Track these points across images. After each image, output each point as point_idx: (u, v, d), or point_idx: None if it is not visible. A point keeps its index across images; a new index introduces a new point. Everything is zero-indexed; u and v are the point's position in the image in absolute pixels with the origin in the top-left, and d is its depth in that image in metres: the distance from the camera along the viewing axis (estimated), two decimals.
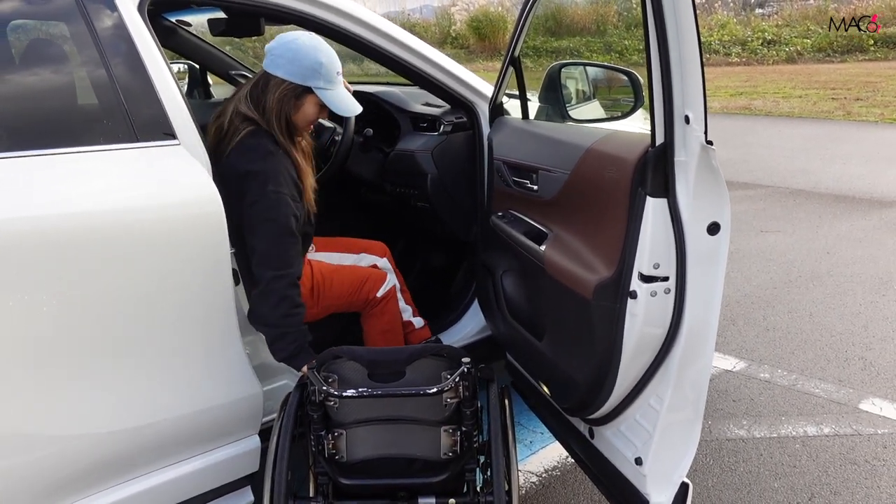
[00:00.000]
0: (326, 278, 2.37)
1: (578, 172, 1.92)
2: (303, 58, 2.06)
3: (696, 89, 1.53)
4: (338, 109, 2.14)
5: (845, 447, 2.67)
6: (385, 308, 2.47)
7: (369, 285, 2.44)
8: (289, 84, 2.07)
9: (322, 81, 2.09)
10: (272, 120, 2.07)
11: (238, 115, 2.09)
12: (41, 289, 1.59)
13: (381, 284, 2.46)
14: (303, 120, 2.15)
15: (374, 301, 2.45)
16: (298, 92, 2.09)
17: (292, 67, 2.06)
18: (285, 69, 2.07)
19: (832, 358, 3.36)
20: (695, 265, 1.63)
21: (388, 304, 2.48)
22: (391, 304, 2.49)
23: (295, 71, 2.06)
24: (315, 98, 2.11)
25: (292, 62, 2.06)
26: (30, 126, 1.70)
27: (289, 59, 2.06)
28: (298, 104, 2.11)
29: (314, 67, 2.07)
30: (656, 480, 1.80)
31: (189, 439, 1.91)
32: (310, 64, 2.06)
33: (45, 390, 1.64)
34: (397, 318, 2.53)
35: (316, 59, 2.07)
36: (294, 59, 2.06)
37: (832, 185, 6.57)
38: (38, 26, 2.08)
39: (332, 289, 2.38)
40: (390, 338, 2.48)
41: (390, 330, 2.49)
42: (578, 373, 1.91)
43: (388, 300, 2.48)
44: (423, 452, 1.79)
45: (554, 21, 17.35)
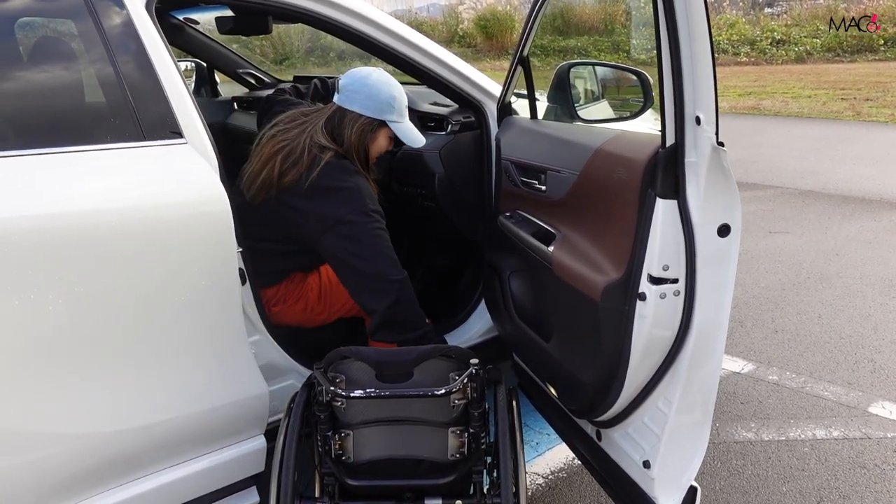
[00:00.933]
0: (334, 285, 2.38)
1: (587, 173, 1.91)
2: (378, 93, 2.21)
3: (707, 90, 1.51)
4: (409, 141, 2.31)
5: (855, 451, 2.65)
6: None
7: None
8: (366, 119, 2.22)
9: (395, 115, 2.26)
10: (351, 151, 2.21)
11: (315, 145, 2.18)
12: (47, 287, 1.58)
13: None
14: (376, 151, 2.31)
15: None
16: (374, 126, 2.24)
17: (369, 102, 2.21)
18: (362, 104, 2.21)
19: (841, 360, 3.34)
20: (705, 267, 1.61)
21: None
22: None
23: (372, 106, 2.21)
24: (388, 131, 2.28)
25: (369, 97, 2.21)
26: (37, 124, 1.70)
27: (365, 94, 2.21)
28: (374, 136, 2.26)
29: (389, 102, 2.23)
30: (664, 484, 1.79)
31: (195, 439, 1.91)
32: (385, 99, 2.22)
33: (53, 389, 1.64)
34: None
35: (390, 94, 2.23)
36: (371, 95, 2.21)
37: (842, 185, 6.53)
38: (46, 24, 2.08)
39: (340, 295, 2.39)
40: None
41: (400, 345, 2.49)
42: (586, 374, 1.90)
43: None
44: (430, 454, 1.78)
45: (562, 20, 17.31)
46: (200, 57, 3.94)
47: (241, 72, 4.02)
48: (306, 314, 2.39)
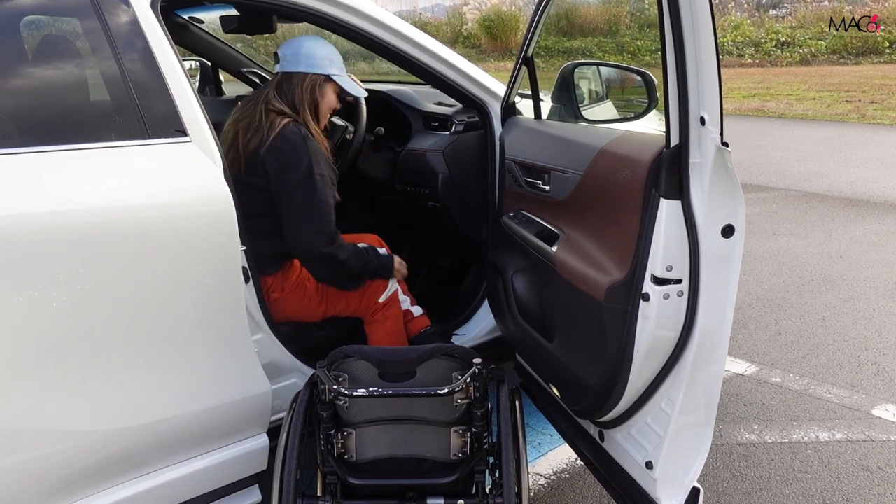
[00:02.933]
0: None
1: (591, 173, 1.91)
2: (316, 51, 2.35)
3: (712, 90, 1.51)
4: (354, 91, 2.43)
5: (858, 453, 2.64)
6: (388, 313, 2.50)
7: (372, 290, 2.47)
8: (312, 75, 2.34)
9: (336, 69, 2.38)
10: (304, 111, 2.32)
11: (269, 112, 2.29)
12: (51, 285, 1.59)
13: (382, 290, 2.49)
14: (326, 107, 2.41)
15: (376, 307, 2.48)
16: (321, 81, 2.36)
17: (311, 60, 2.34)
18: (305, 63, 2.33)
19: (845, 363, 3.33)
20: (708, 268, 1.61)
21: (391, 310, 2.51)
22: (394, 309, 2.52)
23: (314, 63, 2.34)
24: (334, 85, 2.39)
25: (309, 56, 2.34)
26: (42, 122, 1.71)
27: (305, 54, 2.34)
28: (322, 91, 2.37)
29: (329, 57, 2.36)
30: (667, 485, 1.79)
31: (198, 437, 1.91)
32: (324, 55, 2.36)
33: (56, 387, 1.64)
34: (400, 321, 2.55)
35: (327, 51, 2.37)
36: (310, 54, 2.34)
37: (846, 188, 6.52)
38: (51, 22, 2.09)
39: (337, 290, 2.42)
40: (394, 340, 2.51)
41: (394, 333, 2.52)
42: (589, 375, 1.90)
43: (389, 305, 2.50)
44: (432, 453, 1.78)
45: (566, 21, 17.30)
46: (205, 56, 3.94)
47: (245, 71, 4.02)
48: (304, 303, 2.39)
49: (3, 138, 1.62)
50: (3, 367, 1.56)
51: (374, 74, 13.18)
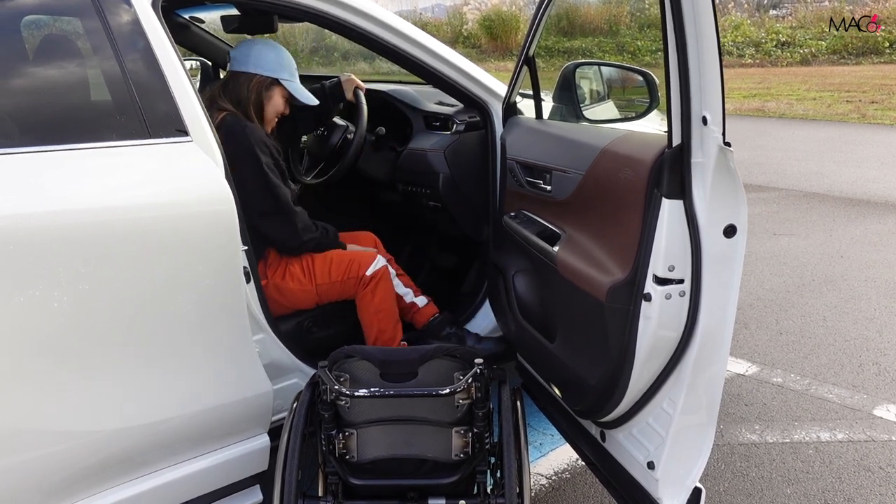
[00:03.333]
0: (316, 258, 2.45)
1: (593, 173, 1.91)
2: (266, 54, 2.39)
3: (714, 90, 1.51)
4: (302, 98, 2.47)
5: (859, 453, 2.64)
6: (376, 288, 2.46)
7: (358, 262, 2.46)
8: (259, 76, 2.38)
9: (287, 73, 2.42)
10: (248, 109, 2.36)
11: (213, 110, 2.29)
12: (52, 285, 1.59)
13: (369, 263, 2.47)
14: (273, 111, 2.45)
15: (364, 280, 2.46)
16: (268, 83, 2.40)
17: (260, 62, 2.38)
18: (254, 65, 2.38)
19: (846, 363, 3.33)
20: (710, 268, 1.61)
21: (380, 284, 2.47)
22: (383, 284, 2.48)
23: (263, 65, 2.38)
24: (282, 90, 2.43)
25: (258, 58, 2.38)
26: (43, 122, 1.70)
27: (255, 55, 2.38)
28: (269, 94, 2.41)
29: (279, 62, 2.40)
30: (668, 485, 1.79)
31: (199, 437, 1.91)
32: (274, 59, 2.40)
33: (57, 387, 1.64)
34: (390, 297, 2.51)
35: (278, 55, 2.41)
36: (259, 56, 2.38)
37: (847, 188, 6.52)
38: (52, 22, 2.09)
39: (322, 266, 2.43)
40: (383, 317, 2.48)
41: (383, 309, 2.48)
42: (590, 375, 1.90)
43: (378, 279, 2.47)
44: (434, 453, 1.78)
45: (567, 21, 17.29)
46: (206, 56, 3.93)
47: None
48: (293, 286, 2.41)
49: (5, 138, 1.62)
50: (5, 367, 1.56)
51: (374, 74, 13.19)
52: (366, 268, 2.46)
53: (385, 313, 2.49)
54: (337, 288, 2.46)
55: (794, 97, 11.84)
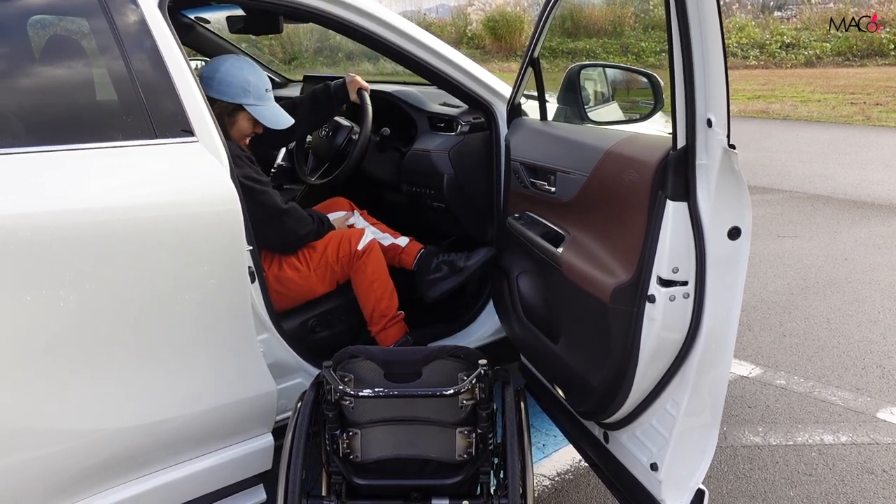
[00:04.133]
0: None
1: (597, 175, 1.91)
2: (232, 78, 2.32)
3: (719, 92, 1.51)
4: (268, 123, 2.40)
5: (863, 456, 2.64)
6: (367, 260, 2.53)
7: (348, 239, 2.52)
8: (221, 102, 2.32)
9: (252, 98, 2.35)
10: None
11: None
12: (57, 284, 1.59)
13: (359, 238, 2.53)
14: (238, 134, 2.39)
15: (357, 254, 2.51)
16: (230, 109, 2.34)
17: (222, 87, 2.32)
18: (217, 90, 2.31)
19: (850, 365, 3.33)
20: (714, 270, 1.61)
21: (371, 256, 2.53)
22: (374, 255, 2.54)
23: (225, 91, 2.32)
24: (247, 114, 2.37)
25: (221, 83, 2.32)
26: (49, 121, 1.71)
27: (218, 80, 2.32)
28: (232, 120, 2.36)
29: (243, 87, 2.33)
30: (672, 486, 1.79)
31: (203, 436, 1.92)
32: (239, 84, 2.32)
33: (61, 386, 1.64)
34: (382, 266, 2.57)
35: (244, 79, 2.33)
36: (223, 81, 2.31)
37: (851, 190, 6.51)
38: (59, 22, 2.09)
39: (316, 251, 2.47)
40: (378, 286, 2.54)
41: (377, 279, 2.54)
42: (594, 376, 1.90)
43: (369, 252, 2.53)
44: (437, 454, 1.78)
45: (571, 22, 17.29)
46: (211, 56, 3.94)
47: None
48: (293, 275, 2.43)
49: (11, 138, 1.63)
50: (10, 365, 1.57)
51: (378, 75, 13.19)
52: (356, 243, 2.52)
53: (379, 282, 2.55)
54: (333, 268, 2.50)
55: (798, 99, 11.82)
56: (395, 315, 2.58)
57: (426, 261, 2.69)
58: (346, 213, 2.78)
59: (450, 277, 2.63)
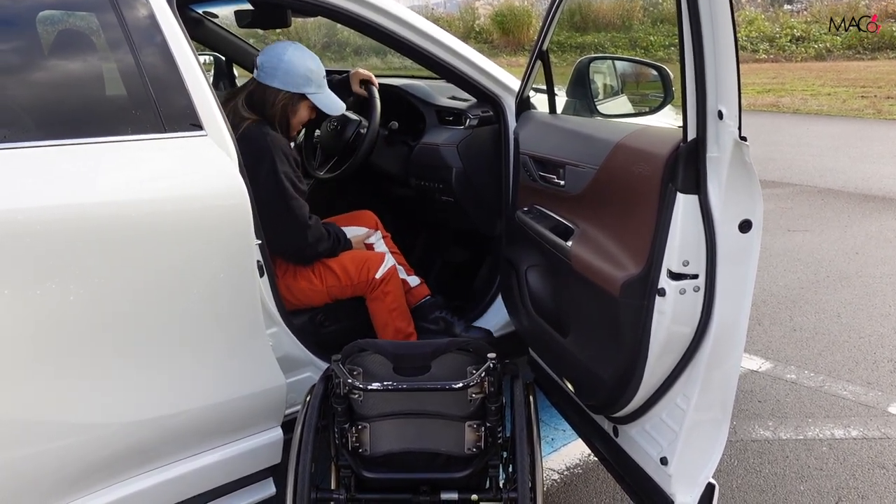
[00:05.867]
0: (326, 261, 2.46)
1: (607, 168, 1.90)
2: (296, 68, 2.33)
3: (730, 84, 1.50)
4: (328, 110, 2.44)
5: (874, 451, 2.62)
6: (387, 289, 2.51)
7: (367, 266, 2.49)
8: (286, 93, 2.35)
9: (314, 87, 2.38)
10: (273, 121, 2.35)
11: (237, 116, 2.30)
12: (67, 278, 1.60)
13: (378, 265, 2.50)
14: (298, 122, 2.44)
15: (374, 283, 2.49)
16: (295, 99, 2.38)
17: (288, 78, 2.33)
18: (281, 80, 2.33)
19: (861, 360, 3.31)
20: (725, 263, 1.60)
21: (390, 284, 2.52)
22: (393, 283, 2.53)
23: (290, 81, 2.34)
24: (308, 102, 2.41)
25: (287, 73, 2.33)
26: (59, 115, 1.72)
27: (284, 70, 2.33)
28: (295, 109, 2.39)
29: (307, 76, 2.36)
30: (682, 480, 1.78)
31: (212, 430, 1.92)
32: (303, 73, 2.35)
33: (71, 379, 1.65)
34: (401, 294, 2.56)
35: (307, 68, 2.36)
36: (289, 71, 2.32)
37: (861, 184, 6.47)
38: (68, 17, 2.10)
39: (332, 268, 2.45)
40: (397, 315, 2.53)
41: (396, 308, 2.54)
42: (604, 370, 1.89)
43: (388, 280, 2.51)
44: (446, 447, 1.78)
45: (580, 16, 17.23)
46: (219, 51, 3.95)
47: None
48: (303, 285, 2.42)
49: (21, 132, 1.63)
50: (22, 358, 1.57)
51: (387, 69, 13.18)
52: (375, 270, 2.49)
53: (399, 311, 2.53)
54: (348, 289, 2.48)
55: (808, 93, 11.75)
56: (410, 334, 2.58)
57: (427, 309, 2.68)
58: (368, 230, 2.74)
59: (441, 334, 2.65)
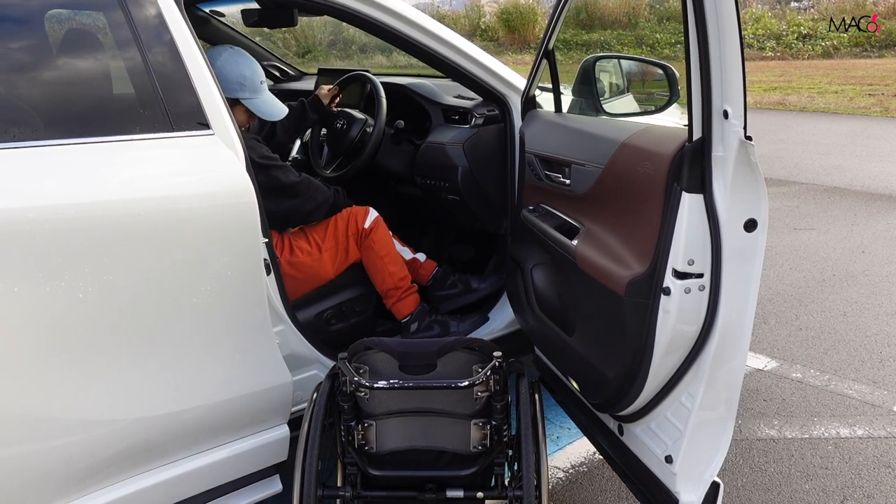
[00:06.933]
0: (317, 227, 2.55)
1: (612, 167, 1.90)
2: (228, 73, 2.31)
3: (735, 83, 1.50)
4: (264, 115, 2.41)
5: (879, 450, 2.62)
6: (375, 237, 2.60)
7: (354, 217, 2.59)
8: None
9: (247, 92, 2.36)
10: None
11: None
12: (77, 275, 1.61)
13: (365, 216, 2.61)
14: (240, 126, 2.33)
15: (364, 232, 2.58)
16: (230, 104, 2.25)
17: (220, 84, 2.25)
18: None
19: (867, 359, 3.30)
20: (730, 262, 1.60)
21: (377, 233, 2.62)
22: (380, 231, 2.62)
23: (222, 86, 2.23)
24: (243, 107, 2.38)
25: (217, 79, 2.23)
26: (67, 115, 1.72)
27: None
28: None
29: (239, 81, 2.33)
30: (686, 479, 1.79)
31: (220, 427, 1.93)
32: (235, 79, 2.32)
33: (81, 376, 1.66)
34: (389, 241, 2.65)
35: (239, 74, 2.34)
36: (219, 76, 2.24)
37: (868, 182, 6.44)
38: (76, 16, 2.11)
39: (324, 232, 2.53)
40: (390, 259, 2.62)
41: (387, 253, 2.63)
42: (609, 369, 1.90)
43: (375, 229, 2.60)
44: (452, 445, 1.79)
45: (586, 14, 17.20)
46: None
47: (265, 64, 4.03)
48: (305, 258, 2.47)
49: (30, 131, 1.64)
50: (32, 355, 1.59)
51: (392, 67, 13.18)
52: (363, 221, 2.59)
53: (390, 256, 2.63)
54: (342, 247, 2.56)
55: (815, 90, 11.71)
56: (410, 286, 2.65)
57: (442, 277, 2.80)
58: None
59: (464, 295, 2.78)
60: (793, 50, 15.79)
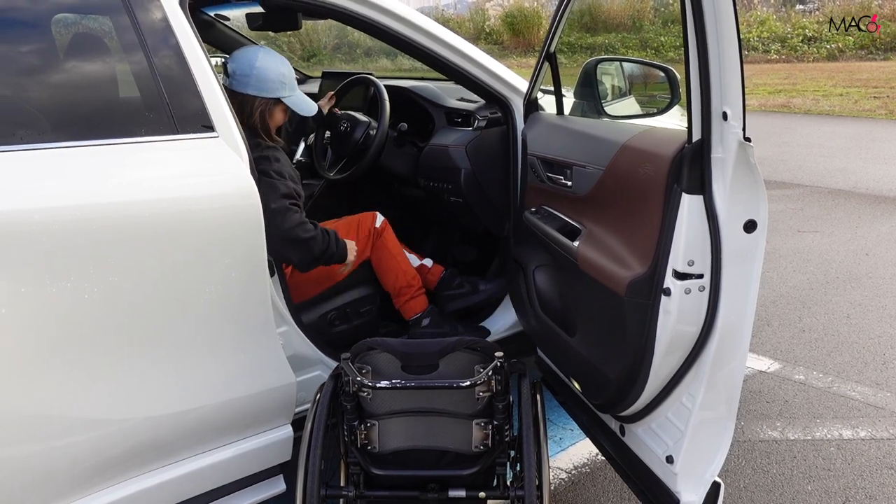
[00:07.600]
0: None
1: (613, 169, 1.91)
2: (268, 74, 2.31)
3: (734, 85, 1.51)
4: (302, 111, 2.43)
5: (882, 451, 2.62)
6: (385, 236, 2.67)
7: (365, 220, 2.66)
8: (261, 99, 2.31)
9: (287, 90, 2.36)
10: (256, 130, 2.30)
11: None
12: (83, 276, 1.62)
13: (372, 219, 2.65)
14: (275, 126, 2.42)
15: (375, 233, 2.65)
16: (270, 104, 2.34)
17: (261, 84, 2.30)
18: (256, 87, 2.30)
19: (870, 361, 3.30)
20: (730, 263, 1.61)
21: (386, 233, 2.68)
22: (388, 232, 2.69)
23: (264, 87, 2.31)
24: (283, 105, 2.38)
25: (259, 80, 2.30)
26: (73, 117, 1.74)
27: (256, 76, 2.30)
28: (272, 113, 2.36)
29: (280, 80, 2.34)
30: (687, 479, 1.79)
31: (224, 427, 1.95)
32: (276, 78, 2.33)
33: (87, 376, 1.68)
34: (396, 242, 2.71)
35: (279, 73, 2.34)
36: (261, 78, 2.31)
37: (872, 185, 6.44)
38: (82, 20, 2.13)
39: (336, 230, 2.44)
40: (401, 259, 2.69)
41: (397, 253, 2.69)
42: (610, 369, 1.91)
43: (383, 230, 2.67)
44: (454, 445, 1.80)
45: (590, 17, 17.21)
46: (230, 53, 3.99)
47: None
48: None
49: (37, 133, 1.66)
50: (39, 355, 1.61)
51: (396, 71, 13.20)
52: (373, 223, 2.64)
53: (400, 256, 2.68)
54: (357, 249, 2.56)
55: (820, 93, 11.69)
56: (420, 287, 2.68)
57: (449, 279, 2.84)
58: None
59: (471, 295, 2.82)
60: (798, 52, 15.77)
